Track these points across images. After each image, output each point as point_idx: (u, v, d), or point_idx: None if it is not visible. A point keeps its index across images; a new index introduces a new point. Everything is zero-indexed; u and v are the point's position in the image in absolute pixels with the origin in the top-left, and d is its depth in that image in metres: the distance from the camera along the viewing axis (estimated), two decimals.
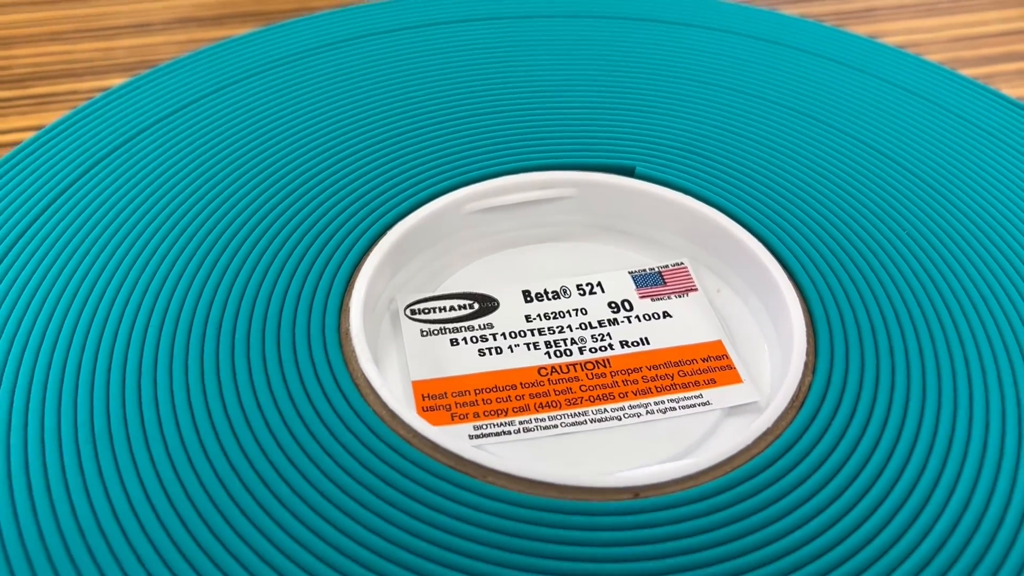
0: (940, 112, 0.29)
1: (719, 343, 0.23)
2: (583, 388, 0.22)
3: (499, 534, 0.18)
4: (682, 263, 0.25)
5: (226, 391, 0.20)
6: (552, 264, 0.26)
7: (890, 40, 0.37)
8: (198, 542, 0.17)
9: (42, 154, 0.27)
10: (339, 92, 0.29)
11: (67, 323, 0.21)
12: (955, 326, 0.22)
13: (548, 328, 0.23)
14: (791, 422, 0.20)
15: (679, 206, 0.25)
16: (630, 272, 0.25)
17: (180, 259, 0.23)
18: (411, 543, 0.18)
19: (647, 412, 0.21)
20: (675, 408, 0.22)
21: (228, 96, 0.29)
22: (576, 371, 0.22)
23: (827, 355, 0.21)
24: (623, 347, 0.23)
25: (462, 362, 0.23)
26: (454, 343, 0.23)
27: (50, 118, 0.32)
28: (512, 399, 0.22)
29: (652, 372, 0.22)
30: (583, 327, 0.23)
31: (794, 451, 0.19)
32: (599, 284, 0.25)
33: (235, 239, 0.24)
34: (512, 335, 0.23)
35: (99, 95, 0.29)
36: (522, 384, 0.22)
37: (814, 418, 0.20)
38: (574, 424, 0.21)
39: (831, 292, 0.23)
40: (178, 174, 0.26)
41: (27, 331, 0.21)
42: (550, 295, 0.24)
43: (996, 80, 0.36)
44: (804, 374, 0.21)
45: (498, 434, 0.21)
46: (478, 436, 0.21)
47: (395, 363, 0.23)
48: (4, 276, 0.23)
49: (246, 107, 0.28)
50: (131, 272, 0.23)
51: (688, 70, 0.30)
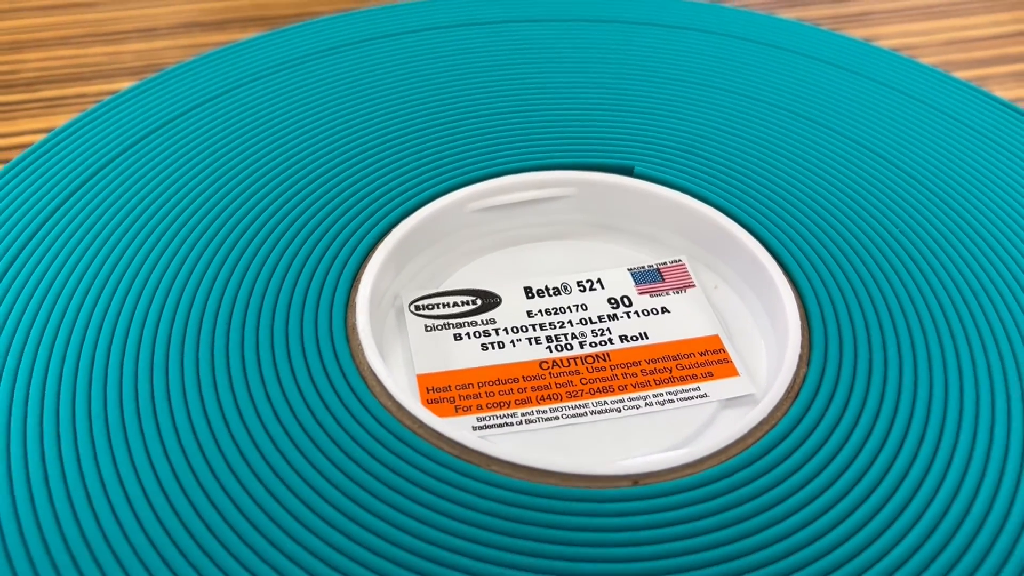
0: (934, 113, 0.30)
1: (716, 338, 0.24)
2: (583, 381, 0.22)
3: (503, 520, 0.18)
4: (680, 260, 0.26)
5: (237, 385, 0.21)
6: (553, 261, 0.26)
7: (885, 43, 0.38)
8: (210, 528, 0.18)
9: (52, 156, 0.27)
10: (342, 95, 0.29)
11: (80, 320, 0.22)
12: (946, 320, 0.23)
13: (549, 323, 0.24)
14: (786, 412, 0.20)
15: (677, 205, 0.26)
16: (629, 269, 0.26)
17: (189, 258, 0.24)
18: (417, 529, 0.18)
19: (646, 404, 0.22)
20: (673, 400, 0.22)
21: (234, 99, 0.29)
22: (576, 365, 0.23)
23: (821, 348, 0.22)
24: (622, 341, 0.23)
25: (465, 356, 0.23)
26: (457, 338, 0.23)
27: (59, 121, 0.32)
28: (514, 392, 0.22)
29: (651, 366, 0.23)
30: (583, 322, 0.24)
31: (788, 440, 0.20)
32: (599, 281, 0.25)
33: (243, 238, 0.24)
34: (514, 330, 0.24)
35: (108, 98, 0.29)
36: (524, 377, 0.23)
37: (808, 409, 0.20)
38: (575, 416, 0.22)
39: (825, 288, 0.23)
40: (186, 175, 0.26)
41: (40, 329, 0.22)
42: (551, 291, 0.25)
43: (989, 82, 0.36)
44: (799, 366, 0.21)
45: (501, 425, 0.21)
46: (481, 427, 0.21)
47: (400, 358, 0.23)
48: (16, 276, 0.23)
49: (252, 110, 0.29)
50: (142, 270, 0.23)
51: (686, 72, 0.31)
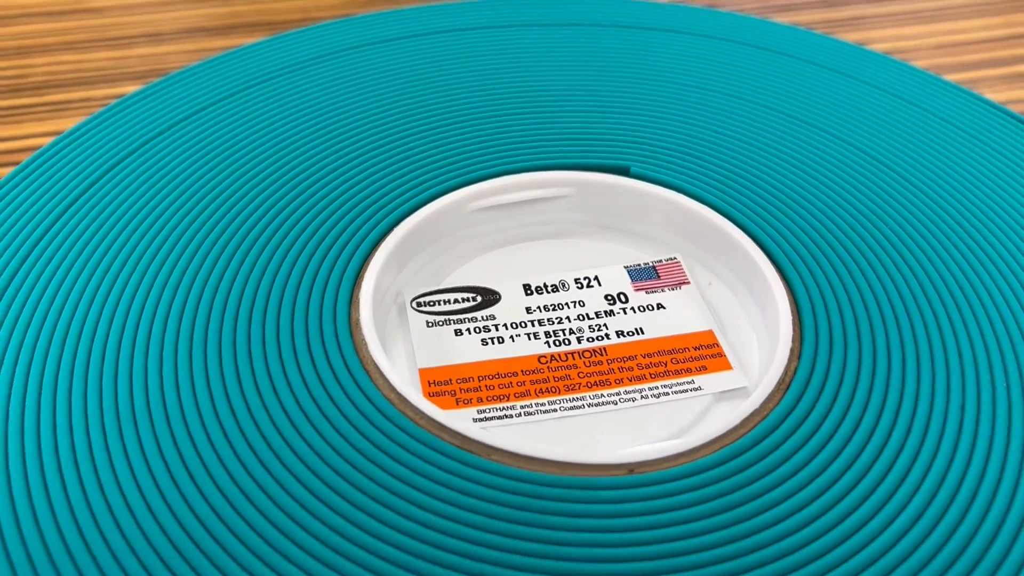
0: (924, 115, 0.30)
1: (710, 332, 0.24)
2: (581, 375, 0.23)
3: (502, 507, 0.19)
4: (675, 258, 0.26)
5: (244, 379, 0.21)
6: (551, 259, 0.27)
7: (877, 47, 0.38)
8: (218, 515, 0.18)
9: (60, 159, 0.27)
10: (345, 98, 0.30)
11: (90, 316, 0.22)
12: (934, 315, 0.23)
13: (548, 319, 0.24)
14: (777, 404, 0.21)
15: (672, 204, 0.26)
16: (625, 266, 0.26)
17: (197, 256, 0.24)
18: (420, 515, 0.19)
19: (641, 397, 0.23)
20: (668, 393, 0.23)
21: (238, 102, 0.30)
22: (574, 359, 0.23)
23: (812, 342, 0.22)
24: (619, 336, 0.24)
25: (466, 351, 0.24)
26: (458, 333, 0.24)
27: (66, 124, 0.33)
28: (514, 385, 0.23)
29: (646, 360, 0.23)
30: (581, 318, 0.25)
31: (780, 430, 0.20)
32: (596, 278, 0.26)
33: (248, 237, 0.25)
34: (513, 325, 0.24)
35: (114, 102, 0.30)
36: (523, 371, 0.23)
37: (799, 400, 0.21)
38: (572, 408, 0.22)
39: (816, 283, 0.24)
40: (192, 176, 0.27)
41: (51, 327, 0.22)
42: (549, 288, 0.25)
43: (979, 85, 0.37)
44: (790, 359, 0.22)
45: (500, 417, 0.22)
46: (481, 419, 0.22)
47: (402, 352, 0.24)
48: (27, 276, 0.24)
49: (256, 113, 0.29)
50: (150, 268, 0.24)
51: (682, 75, 0.31)
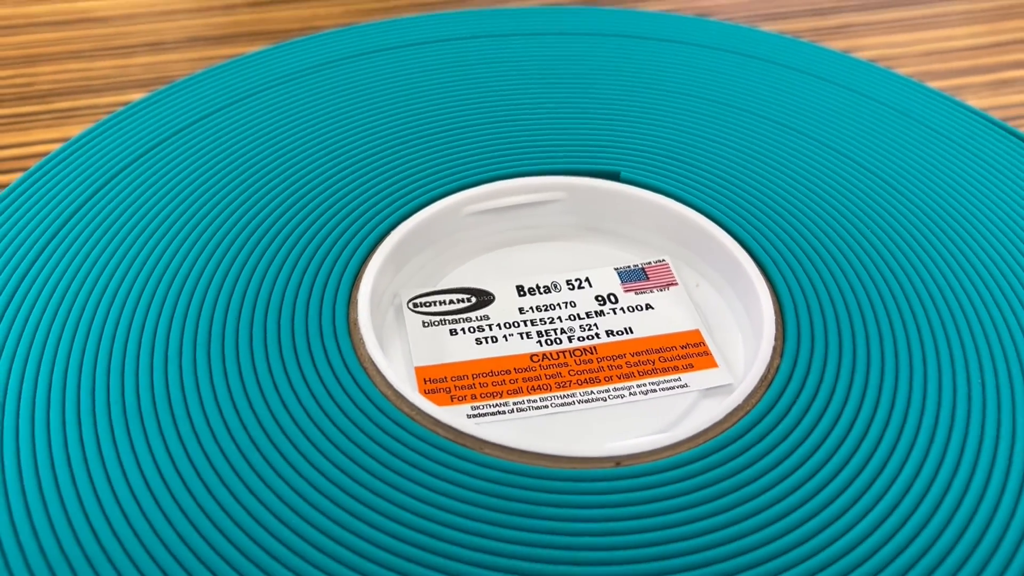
0: (908, 121, 0.31)
1: (697, 332, 0.25)
2: (571, 373, 0.24)
3: (495, 498, 0.19)
4: (664, 260, 0.27)
5: (247, 377, 0.22)
6: (543, 261, 0.27)
7: (865, 54, 0.39)
8: (221, 504, 0.19)
9: (67, 164, 0.28)
10: (344, 106, 0.30)
11: (98, 315, 0.23)
12: (913, 315, 0.24)
13: (540, 319, 0.25)
14: (760, 399, 0.22)
15: (661, 208, 0.27)
16: (615, 268, 0.27)
17: (200, 259, 0.25)
18: (415, 506, 0.19)
19: (630, 394, 0.23)
20: (656, 390, 0.23)
21: (241, 109, 0.30)
22: (565, 357, 0.24)
23: (794, 340, 0.23)
24: (609, 336, 0.25)
25: (461, 350, 0.24)
26: (453, 333, 0.25)
27: (72, 131, 0.33)
28: (506, 383, 0.24)
29: (635, 358, 0.24)
30: (572, 318, 0.25)
31: (762, 425, 0.21)
32: (587, 279, 0.27)
33: (250, 240, 0.25)
34: (507, 325, 0.25)
35: (119, 109, 0.30)
36: (515, 369, 0.24)
37: (780, 395, 0.22)
38: (563, 405, 0.23)
39: (799, 284, 0.25)
40: (196, 181, 0.27)
41: (59, 328, 0.23)
42: (542, 289, 0.26)
43: (964, 91, 0.37)
44: (772, 357, 0.23)
45: (494, 414, 0.23)
46: (475, 416, 0.23)
47: (399, 352, 0.25)
48: (36, 279, 0.24)
49: (258, 119, 0.30)
50: (156, 270, 0.24)
51: (671, 83, 0.32)
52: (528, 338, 0.25)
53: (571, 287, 0.26)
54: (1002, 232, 0.26)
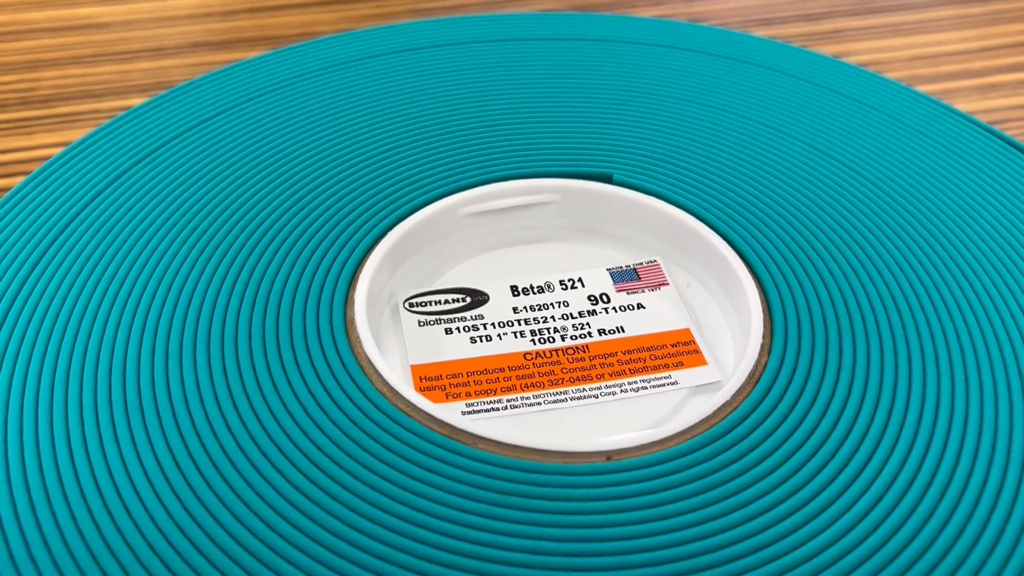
0: (896, 125, 0.31)
1: (687, 331, 0.25)
2: (564, 370, 0.24)
3: (489, 492, 0.20)
4: (655, 260, 0.28)
5: (246, 375, 0.22)
6: (537, 262, 0.28)
7: (855, 59, 0.39)
8: (221, 499, 0.20)
9: (69, 168, 0.28)
10: (342, 109, 0.31)
11: (99, 317, 0.23)
12: (899, 313, 0.24)
13: (533, 318, 0.26)
14: (747, 395, 0.22)
15: (652, 209, 0.28)
16: (608, 269, 0.27)
17: (200, 259, 0.25)
18: (411, 500, 0.20)
19: (621, 391, 0.24)
20: (647, 387, 0.24)
21: (240, 114, 0.31)
22: (558, 356, 0.25)
23: (781, 338, 0.24)
24: (601, 335, 0.25)
25: (456, 348, 0.25)
26: (448, 332, 0.25)
27: (74, 135, 0.33)
28: (500, 380, 0.24)
29: (627, 356, 0.25)
30: (565, 317, 0.26)
31: (749, 420, 0.22)
32: (580, 280, 0.27)
33: (250, 241, 0.26)
34: (501, 324, 0.26)
35: (121, 113, 0.30)
36: (509, 367, 0.24)
37: (768, 392, 0.22)
38: (556, 402, 0.24)
39: (787, 284, 0.25)
40: (197, 183, 0.28)
41: (61, 330, 0.23)
42: (535, 289, 0.27)
43: (953, 95, 0.38)
44: (760, 355, 0.23)
45: (488, 411, 0.23)
46: (470, 412, 0.23)
47: (396, 350, 0.25)
48: (38, 281, 0.24)
49: (257, 123, 0.30)
50: (156, 270, 0.25)
51: (663, 87, 0.32)
52: (522, 337, 0.25)
53: (564, 287, 0.27)
54: (988, 234, 0.27)
